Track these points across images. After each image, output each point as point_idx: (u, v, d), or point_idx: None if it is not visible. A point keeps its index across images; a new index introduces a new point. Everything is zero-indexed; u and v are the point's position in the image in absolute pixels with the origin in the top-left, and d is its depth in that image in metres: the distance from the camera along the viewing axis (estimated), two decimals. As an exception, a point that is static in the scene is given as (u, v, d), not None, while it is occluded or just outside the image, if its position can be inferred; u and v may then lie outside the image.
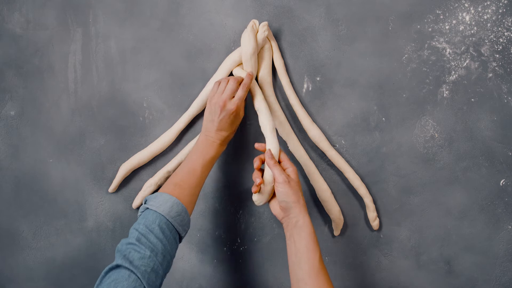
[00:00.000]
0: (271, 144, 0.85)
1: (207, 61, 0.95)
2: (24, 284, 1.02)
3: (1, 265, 1.02)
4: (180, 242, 0.75)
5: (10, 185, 1.00)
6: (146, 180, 0.97)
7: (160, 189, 0.78)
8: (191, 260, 0.99)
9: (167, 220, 0.72)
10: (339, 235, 0.96)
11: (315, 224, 0.96)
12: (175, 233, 0.73)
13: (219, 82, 0.86)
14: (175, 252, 0.73)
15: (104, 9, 0.97)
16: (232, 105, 0.82)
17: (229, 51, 0.94)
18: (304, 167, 0.93)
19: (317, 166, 0.94)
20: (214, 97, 0.84)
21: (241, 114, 0.87)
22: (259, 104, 0.88)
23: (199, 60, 0.95)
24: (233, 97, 0.84)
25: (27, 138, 0.99)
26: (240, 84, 0.86)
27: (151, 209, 0.73)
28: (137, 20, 0.96)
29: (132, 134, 0.98)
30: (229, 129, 0.84)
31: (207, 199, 0.98)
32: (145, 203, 0.75)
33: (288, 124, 0.93)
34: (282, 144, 0.95)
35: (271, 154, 0.81)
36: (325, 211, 0.94)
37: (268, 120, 0.87)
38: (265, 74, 0.91)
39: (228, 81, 0.85)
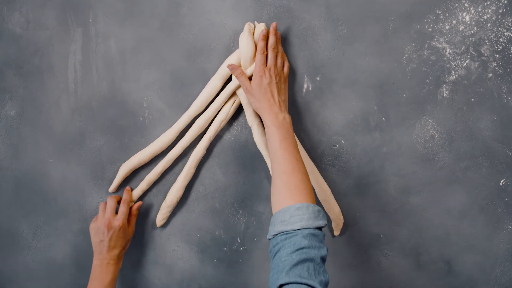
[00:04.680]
0: (270, 163, 0.89)
1: (207, 61, 0.95)
2: (24, 284, 1.02)
3: (1, 265, 1.02)
4: None
5: (10, 185, 1.00)
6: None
7: None
8: (191, 260, 0.99)
9: None
10: (339, 235, 0.96)
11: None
12: None
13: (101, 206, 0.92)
14: None
15: (104, 9, 0.97)
16: (117, 221, 0.89)
17: (229, 51, 0.94)
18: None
19: (317, 166, 0.94)
20: (97, 220, 0.90)
21: (130, 230, 0.92)
22: (251, 122, 0.90)
23: (199, 60, 0.95)
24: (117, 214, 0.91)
25: (27, 138, 0.99)
26: (119, 202, 0.94)
27: None
28: (137, 20, 0.96)
29: (132, 134, 0.98)
30: (120, 245, 0.89)
31: (207, 199, 0.98)
32: None
33: (288, 124, 0.93)
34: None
35: (234, 65, 0.86)
36: (325, 211, 0.94)
37: (261, 137, 0.91)
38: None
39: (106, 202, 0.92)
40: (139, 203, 0.95)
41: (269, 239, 0.70)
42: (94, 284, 0.86)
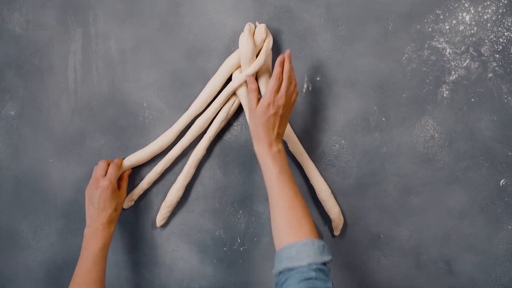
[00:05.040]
0: None
1: (207, 61, 0.95)
2: (24, 284, 1.02)
3: (1, 265, 1.02)
4: None
5: (10, 185, 1.00)
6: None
7: None
8: (191, 260, 0.99)
9: None
10: (339, 235, 0.96)
11: (315, 224, 0.96)
12: None
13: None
14: None
15: (104, 9, 0.97)
16: (105, 181, 0.88)
17: (229, 51, 0.94)
18: (304, 167, 0.93)
19: (317, 166, 0.94)
20: (89, 183, 0.90)
21: (120, 192, 0.91)
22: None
23: (199, 60, 0.95)
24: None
25: (27, 138, 0.99)
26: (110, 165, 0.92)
27: None
28: (137, 20, 0.96)
29: (132, 134, 0.98)
30: (110, 206, 0.87)
31: (207, 199, 0.98)
32: None
33: (288, 124, 0.93)
34: (282, 144, 0.95)
35: (252, 79, 0.85)
36: (325, 211, 0.94)
37: None
38: (264, 75, 0.91)
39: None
40: (129, 170, 0.95)
41: (275, 274, 0.71)
42: (85, 254, 0.83)
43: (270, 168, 0.77)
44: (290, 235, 0.71)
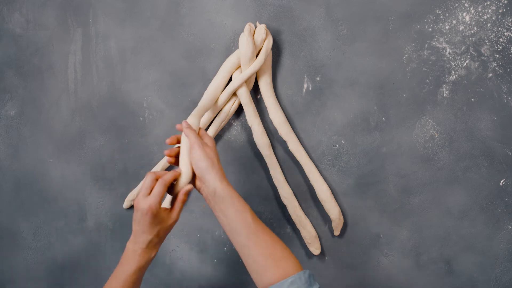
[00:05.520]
0: (270, 163, 0.91)
1: (207, 61, 0.95)
2: (24, 284, 1.02)
3: (1, 265, 1.02)
4: None
5: (10, 185, 1.00)
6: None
7: None
8: (191, 260, 0.99)
9: None
10: (339, 235, 0.96)
11: (315, 224, 0.96)
12: None
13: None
14: None
15: (104, 9, 0.97)
16: (143, 203, 0.72)
17: (229, 51, 0.94)
18: (304, 167, 0.93)
19: (317, 166, 0.94)
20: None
21: (171, 215, 0.76)
22: (251, 122, 0.90)
23: (199, 60, 0.95)
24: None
25: (27, 138, 0.99)
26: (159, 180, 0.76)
27: None
28: (137, 20, 0.96)
29: (132, 134, 0.98)
30: (150, 231, 0.74)
31: (207, 199, 0.98)
32: None
33: (288, 124, 0.93)
34: (282, 144, 0.95)
35: (187, 123, 0.77)
36: (325, 211, 0.94)
37: (261, 137, 0.91)
38: (264, 75, 0.92)
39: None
40: (189, 186, 0.76)
41: None
42: (118, 270, 0.76)
43: (244, 204, 0.72)
44: (275, 274, 0.67)
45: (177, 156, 0.78)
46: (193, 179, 0.76)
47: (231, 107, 0.93)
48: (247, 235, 0.70)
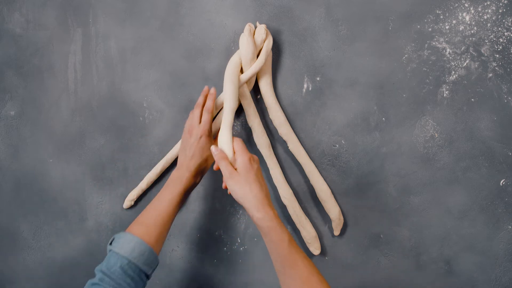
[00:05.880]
0: (270, 163, 0.91)
1: (207, 61, 0.95)
2: (24, 284, 1.02)
3: (1, 265, 1.02)
4: (148, 279, 0.76)
5: (10, 185, 1.00)
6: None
7: (128, 227, 0.78)
8: (191, 260, 0.99)
9: (130, 261, 0.72)
10: (339, 235, 0.96)
11: (315, 224, 0.96)
12: (139, 272, 0.73)
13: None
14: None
15: (104, 9, 0.97)
16: (199, 130, 0.84)
17: (229, 51, 0.94)
18: (304, 167, 0.93)
19: (317, 166, 0.94)
20: (184, 129, 0.87)
21: (210, 144, 0.85)
22: (251, 121, 0.90)
23: (199, 60, 0.95)
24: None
25: (27, 138, 0.99)
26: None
27: (114, 251, 0.73)
28: (137, 20, 0.96)
29: (132, 134, 0.98)
30: (200, 155, 0.83)
31: (207, 199, 0.98)
32: (110, 244, 0.75)
33: (288, 124, 0.93)
34: (282, 144, 0.95)
35: (215, 147, 0.79)
36: (325, 211, 0.94)
37: (261, 137, 0.91)
38: (265, 75, 0.91)
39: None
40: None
41: None
42: (163, 194, 0.81)
43: (280, 235, 0.71)
44: None
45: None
46: None
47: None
48: (281, 265, 0.71)
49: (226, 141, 0.79)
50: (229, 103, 0.84)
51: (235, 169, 0.76)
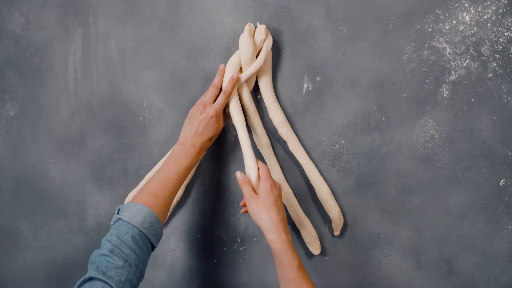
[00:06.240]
0: (270, 163, 0.92)
1: (207, 61, 0.95)
2: (24, 284, 1.02)
3: (1, 265, 1.02)
4: (152, 251, 0.76)
5: (10, 185, 1.00)
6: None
7: (134, 198, 0.78)
8: (191, 260, 0.99)
9: (140, 231, 0.72)
10: (339, 235, 0.96)
11: (315, 224, 0.96)
12: (148, 243, 0.73)
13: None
14: (148, 261, 0.73)
15: (104, 9, 0.97)
16: (211, 109, 0.84)
17: (229, 51, 0.94)
18: (304, 167, 0.93)
19: (317, 166, 0.94)
20: (196, 104, 0.87)
21: (221, 123, 0.87)
22: (251, 121, 0.91)
23: (199, 60, 0.95)
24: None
25: (27, 138, 0.99)
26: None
27: (124, 220, 0.72)
28: (137, 20, 0.96)
29: (132, 134, 0.98)
30: (206, 134, 0.84)
31: (207, 199, 0.98)
32: (117, 213, 0.74)
33: (288, 124, 0.93)
34: (282, 144, 0.95)
35: (240, 173, 0.84)
36: (325, 211, 0.94)
37: (261, 137, 0.91)
38: (264, 75, 0.91)
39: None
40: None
41: None
42: (169, 167, 0.81)
43: (290, 259, 0.74)
44: None
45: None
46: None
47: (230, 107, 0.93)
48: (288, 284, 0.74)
49: (252, 168, 0.83)
50: (238, 121, 0.87)
51: (256, 194, 0.79)
